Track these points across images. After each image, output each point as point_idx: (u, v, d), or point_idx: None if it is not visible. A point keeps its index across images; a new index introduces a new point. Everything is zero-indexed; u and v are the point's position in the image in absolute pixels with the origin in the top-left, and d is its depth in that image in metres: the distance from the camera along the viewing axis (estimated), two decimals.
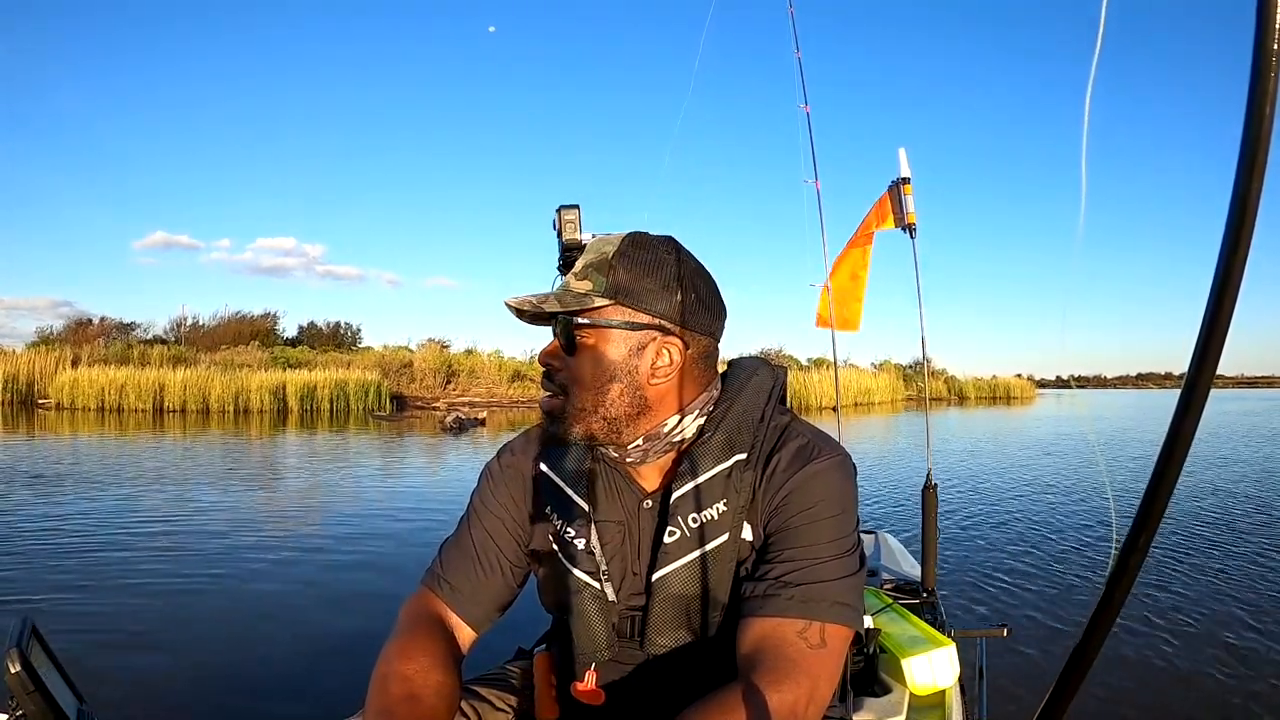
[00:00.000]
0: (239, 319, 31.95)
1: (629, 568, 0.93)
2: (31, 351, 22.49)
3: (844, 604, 0.83)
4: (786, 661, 0.78)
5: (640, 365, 0.89)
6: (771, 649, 0.80)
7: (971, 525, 5.69)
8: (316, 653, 2.99)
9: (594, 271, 0.90)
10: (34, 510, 5.86)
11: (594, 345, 0.89)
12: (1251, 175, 0.30)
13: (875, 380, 32.26)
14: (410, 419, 19.83)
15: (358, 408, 22.00)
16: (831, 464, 0.90)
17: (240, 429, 15.81)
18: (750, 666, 0.79)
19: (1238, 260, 0.31)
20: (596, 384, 0.89)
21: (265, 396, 20.98)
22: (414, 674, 0.84)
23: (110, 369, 21.32)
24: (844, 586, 0.84)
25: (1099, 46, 0.39)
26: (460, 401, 24.16)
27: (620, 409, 0.89)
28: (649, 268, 0.90)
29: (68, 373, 21.22)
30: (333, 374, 22.64)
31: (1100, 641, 0.39)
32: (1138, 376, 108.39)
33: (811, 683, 0.78)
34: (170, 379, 20.76)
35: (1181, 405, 0.34)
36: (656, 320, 0.90)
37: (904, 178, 2.64)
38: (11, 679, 0.74)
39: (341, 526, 5.55)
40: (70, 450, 10.89)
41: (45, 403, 20.83)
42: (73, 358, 22.53)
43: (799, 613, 0.81)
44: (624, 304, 0.89)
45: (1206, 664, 2.90)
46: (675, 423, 0.91)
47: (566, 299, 0.89)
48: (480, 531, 0.99)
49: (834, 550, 0.85)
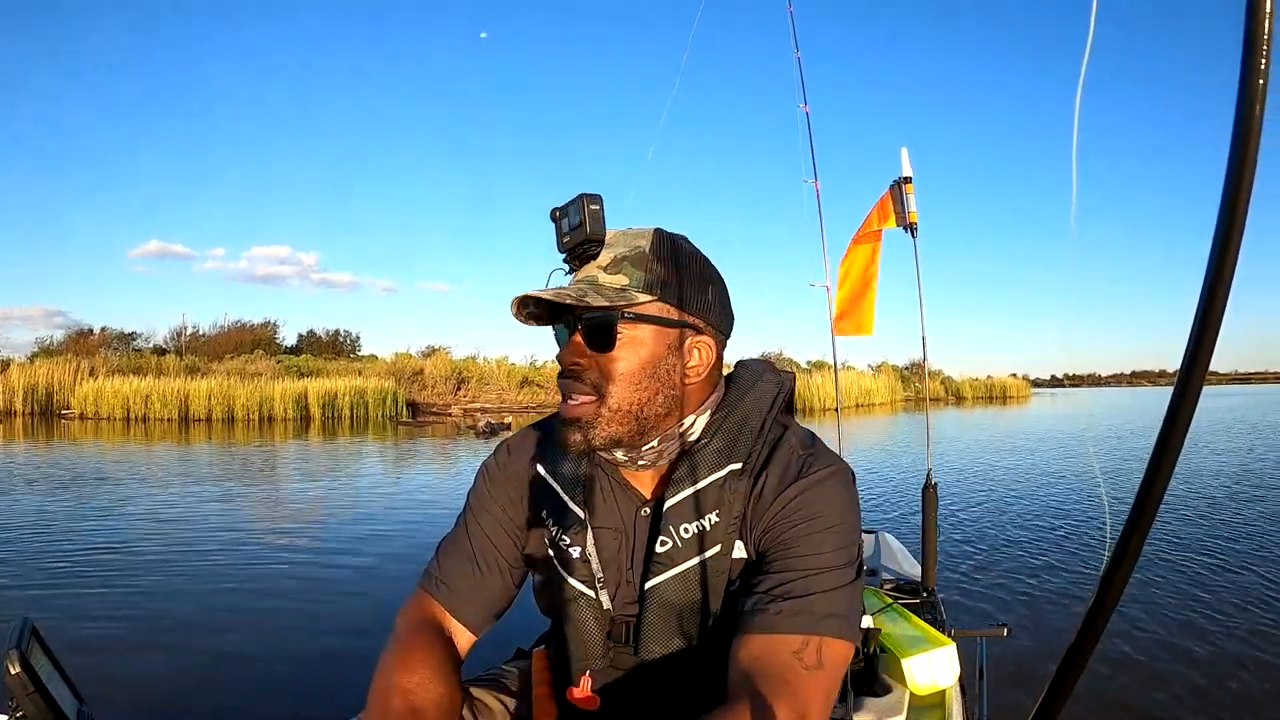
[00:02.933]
0: (240, 328, 32.09)
1: (624, 575, 0.91)
2: (49, 362, 22.52)
3: (841, 617, 0.80)
4: (781, 683, 0.75)
5: (677, 363, 0.87)
6: (766, 669, 0.76)
7: (972, 525, 5.68)
8: (319, 653, 2.99)
9: (629, 265, 0.86)
10: (41, 512, 5.86)
11: (635, 342, 0.85)
12: (1241, 174, 0.30)
13: (875, 382, 32.41)
14: (436, 424, 20.18)
15: (377, 415, 22.31)
16: (825, 476, 0.87)
17: (266, 436, 16.00)
18: (745, 687, 0.76)
19: (1229, 258, 0.32)
20: (637, 382, 0.85)
21: (289, 405, 21.28)
22: (415, 687, 0.83)
23: (133, 379, 21.52)
24: (841, 599, 0.81)
25: (1089, 45, 0.40)
26: (473, 407, 24.50)
27: (655, 408, 0.86)
28: (684, 264, 0.89)
29: (90, 383, 21.38)
30: (350, 382, 22.99)
31: (1095, 640, 0.39)
32: (1132, 374, 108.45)
33: (805, 705, 0.75)
34: (195, 388, 21.03)
35: (1174, 403, 0.34)
36: (692, 318, 0.88)
37: (906, 177, 2.64)
38: (11, 679, 0.73)
39: (373, 526, 5.56)
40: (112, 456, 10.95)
41: (68, 413, 20.95)
42: (90, 368, 22.64)
43: (795, 629, 0.78)
44: (665, 300, 0.86)
45: (1206, 663, 2.90)
46: (690, 423, 0.90)
47: (607, 293, 0.84)
48: (478, 531, 0.98)
49: (831, 562, 0.82)
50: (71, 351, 25.22)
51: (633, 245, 0.87)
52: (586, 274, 0.87)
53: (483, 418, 19.52)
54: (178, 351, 28.57)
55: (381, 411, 22.49)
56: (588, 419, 0.85)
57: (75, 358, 23.85)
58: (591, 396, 0.85)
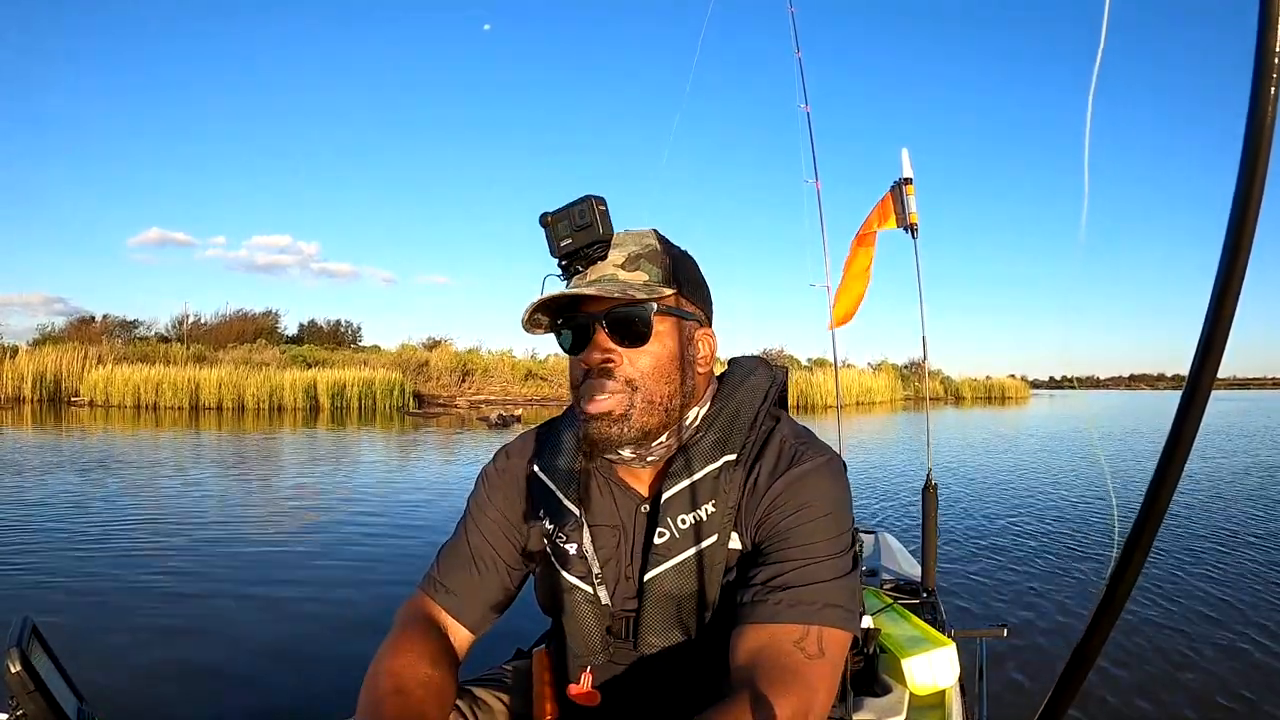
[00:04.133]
0: (241, 317, 32.10)
1: (623, 571, 0.93)
2: (58, 349, 22.50)
3: (839, 606, 0.81)
4: (785, 673, 0.76)
5: (693, 356, 0.91)
6: (768, 660, 0.77)
7: (972, 524, 5.69)
8: (322, 652, 2.98)
9: (645, 262, 0.88)
10: (43, 507, 5.85)
11: (662, 335, 0.88)
12: (1253, 178, 0.30)
13: (876, 380, 32.56)
14: (444, 415, 20.30)
15: (384, 405, 22.44)
16: (816, 466, 0.89)
17: (274, 425, 16.00)
18: (747, 678, 0.77)
19: (1239, 263, 0.31)
20: (666, 374, 0.88)
21: (299, 394, 21.34)
22: (402, 669, 0.85)
23: (142, 367, 21.49)
24: (838, 588, 0.82)
25: (1101, 49, 0.40)
26: (478, 399, 24.55)
27: (680, 400, 0.89)
28: (686, 261, 0.93)
29: (99, 370, 21.36)
30: (358, 373, 23.06)
31: (1102, 641, 0.39)
32: (1130, 377, 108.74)
33: (810, 694, 0.76)
34: (206, 377, 21.07)
35: (1183, 405, 0.34)
36: (700, 312, 0.93)
37: (906, 178, 2.65)
38: (12, 679, 0.73)
39: (378, 518, 5.55)
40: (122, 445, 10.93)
41: (78, 400, 20.94)
42: (98, 356, 22.65)
43: (794, 619, 0.79)
44: (684, 295, 0.91)
45: (1207, 662, 2.90)
46: (691, 416, 0.92)
47: (639, 289, 0.86)
48: (477, 535, 1.00)
49: (826, 551, 0.84)
50: (74, 339, 25.21)
51: (644, 243, 0.90)
52: (603, 273, 0.88)
53: (494, 409, 19.88)
54: (180, 339, 28.59)
55: (389, 402, 22.71)
56: (621, 412, 0.86)
57: (82, 345, 23.85)
58: (624, 391, 0.86)
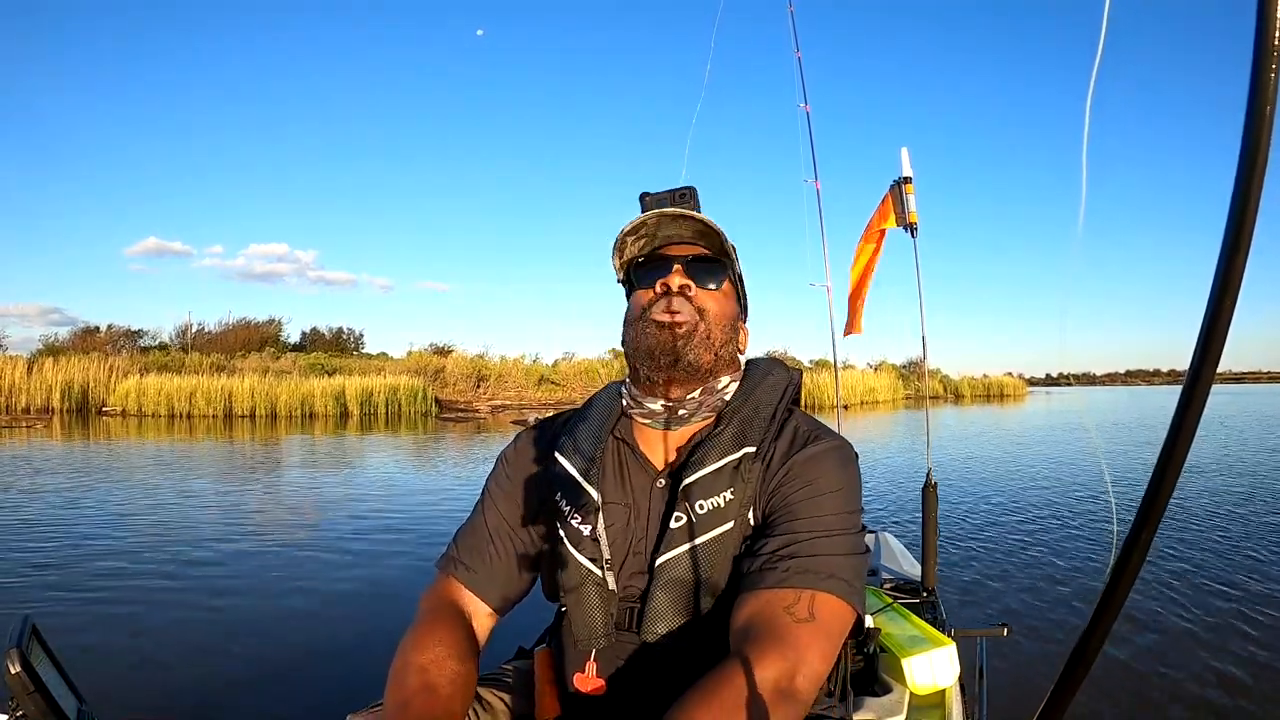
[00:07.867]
0: (244, 325, 32.08)
1: (632, 547, 0.93)
2: (85, 360, 22.63)
3: (837, 577, 0.82)
4: (772, 635, 0.77)
5: (737, 321, 1.02)
6: (760, 623, 0.79)
7: (972, 524, 5.68)
8: (324, 650, 2.98)
9: (713, 234, 0.98)
10: (46, 510, 5.85)
11: (729, 295, 1.01)
12: (1252, 174, 0.30)
13: (878, 380, 32.69)
14: (471, 419, 20.77)
15: (409, 411, 22.91)
16: (827, 448, 0.93)
17: (328, 430, 16.39)
18: (740, 641, 0.79)
19: (1238, 259, 0.31)
20: (724, 324, 0.98)
21: (329, 401, 21.84)
22: (429, 664, 0.85)
23: (173, 377, 21.88)
24: (839, 562, 0.83)
25: (1101, 47, 0.39)
26: (495, 404, 25.24)
27: (728, 351, 0.99)
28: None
29: (130, 380, 21.58)
30: (383, 380, 23.57)
31: (1102, 639, 0.39)
32: (1126, 374, 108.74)
33: (797, 655, 0.76)
34: (238, 385, 21.49)
35: (1183, 401, 0.34)
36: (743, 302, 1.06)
37: (905, 177, 2.64)
38: (11, 679, 0.73)
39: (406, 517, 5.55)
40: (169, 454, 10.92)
41: (109, 410, 21.05)
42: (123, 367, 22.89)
43: (788, 584, 0.81)
44: (737, 267, 1.03)
45: (1208, 662, 2.90)
46: (724, 381, 0.99)
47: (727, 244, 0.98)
48: (494, 514, 1.02)
49: (831, 525, 0.86)
50: (78, 349, 25.27)
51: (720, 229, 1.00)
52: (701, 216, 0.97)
53: (529, 413, 20.58)
54: (183, 348, 28.63)
55: (414, 408, 23.16)
56: (690, 328, 0.94)
57: (105, 356, 23.99)
58: (696, 315, 0.95)
